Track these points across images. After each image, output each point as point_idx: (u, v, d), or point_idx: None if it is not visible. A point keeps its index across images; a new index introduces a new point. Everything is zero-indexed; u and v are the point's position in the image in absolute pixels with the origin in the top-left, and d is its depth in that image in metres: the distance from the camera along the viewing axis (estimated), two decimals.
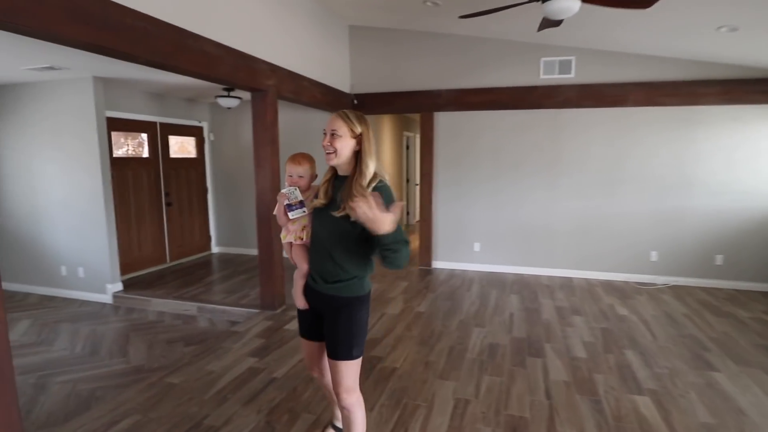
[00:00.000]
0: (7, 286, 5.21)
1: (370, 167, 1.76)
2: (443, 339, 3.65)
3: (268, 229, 4.14)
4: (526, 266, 5.78)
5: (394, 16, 5.30)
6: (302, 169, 2.02)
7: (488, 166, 5.74)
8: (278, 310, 4.24)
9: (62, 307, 4.62)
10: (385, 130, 7.73)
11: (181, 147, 6.30)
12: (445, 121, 5.83)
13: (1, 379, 1.97)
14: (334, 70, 5.52)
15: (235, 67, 3.55)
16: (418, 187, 10.44)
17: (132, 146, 5.49)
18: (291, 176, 1.99)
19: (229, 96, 5.38)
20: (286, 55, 4.38)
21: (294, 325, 3.96)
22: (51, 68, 4.04)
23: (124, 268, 5.28)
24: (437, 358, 3.29)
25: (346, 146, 1.77)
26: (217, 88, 5.28)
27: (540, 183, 5.60)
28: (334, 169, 1.87)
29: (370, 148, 1.77)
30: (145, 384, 2.89)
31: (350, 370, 1.80)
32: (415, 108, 5.85)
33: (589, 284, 5.31)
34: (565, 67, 5.32)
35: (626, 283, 5.36)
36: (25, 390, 2.95)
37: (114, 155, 5.14)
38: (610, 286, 5.22)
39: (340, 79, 5.73)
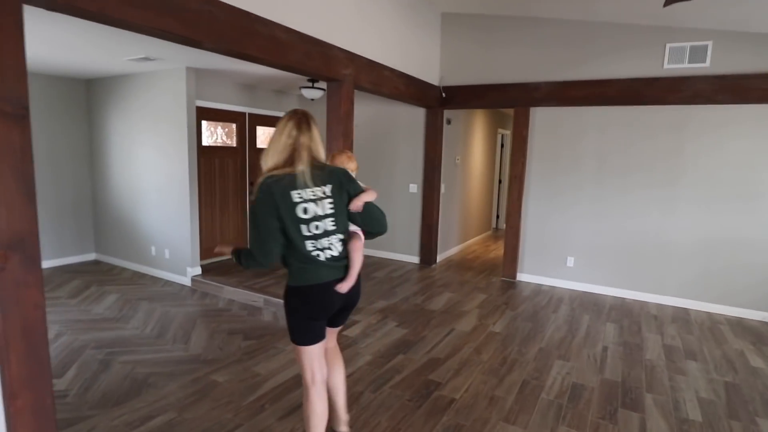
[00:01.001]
0: (108, 260, 5.69)
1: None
2: (516, 369, 3.15)
3: None
4: (630, 289, 4.94)
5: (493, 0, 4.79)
6: (353, 165, 2.19)
7: (590, 170, 4.99)
8: None
9: (148, 285, 4.89)
10: (476, 127, 7.20)
11: (268, 138, 6.39)
12: (542, 117, 5.18)
13: (38, 363, 1.95)
14: (421, 60, 5.17)
15: (307, 54, 3.36)
16: None
17: (220, 135, 5.67)
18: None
19: (313, 87, 5.29)
20: (366, 43, 4.13)
21: (352, 332, 3.72)
22: (147, 59, 4.23)
23: (206, 253, 5.47)
24: (505, 394, 2.81)
25: None
26: (302, 79, 5.22)
27: (654, 192, 4.73)
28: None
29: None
30: (191, 378, 2.83)
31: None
32: (509, 102, 5.28)
33: (712, 320, 4.36)
34: (698, 54, 4.39)
35: (764, 324, 4.31)
36: (91, 365, 3.06)
37: (203, 143, 5.33)
38: (740, 326, 4.23)
39: (428, 71, 5.36)
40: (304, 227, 1.73)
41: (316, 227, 1.76)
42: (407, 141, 6.01)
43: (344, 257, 1.85)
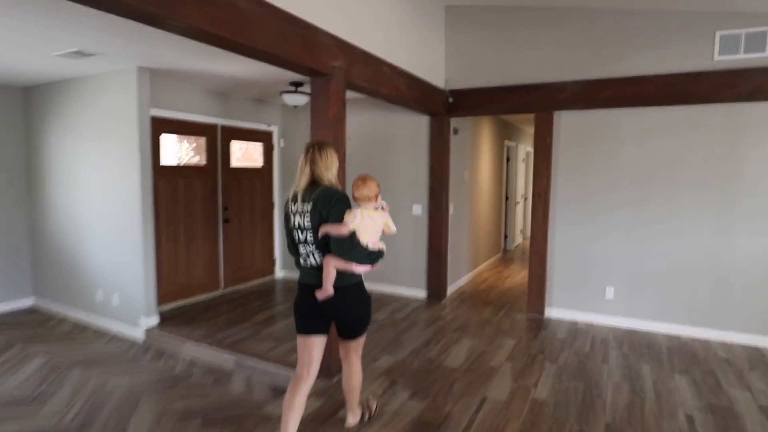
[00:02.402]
0: (49, 306, 4.66)
1: None
2: None
3: None
4: (685, 324, 4.07)
5: None
6: (360, 193, 2.18)
7: (629, 183, 4.15)
8: (334, 379, 3.08)
9: (89, 341, 3.88)
10: (483, 138, 6.38)
11: (246, 154, 5.50)
12: (569, 122, 4.36)
13: None
14: (425, 58, 4.34)
15: (282, 35, 2.49)
16: (518, 206, 8.88)
17: (186, 151, 4.75)
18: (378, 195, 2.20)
19: (296, 92, 4.43)
20: (362, 30, 3.29)
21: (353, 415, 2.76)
22: (81, 53, 3.32)
23: (168, 295, 4.49)
24: None
25: None
26: (283, 82, 4.36)
27: (708, 209, 3.90)
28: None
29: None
30: None
31: None
32: (528, 106, 4.46)
33: None
34: (756, 42, 3.63)
35: None
36: None
37: (162, 162, 4.40)
38: None
39: (433, 71, 4.53)
40: (295, 233, 2.17)
41: (299, 236, 2.16)
42: (409, 155, 5.14)
43: (321, 268, 2.13)
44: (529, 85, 4.40)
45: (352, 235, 2.05)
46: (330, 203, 2.06)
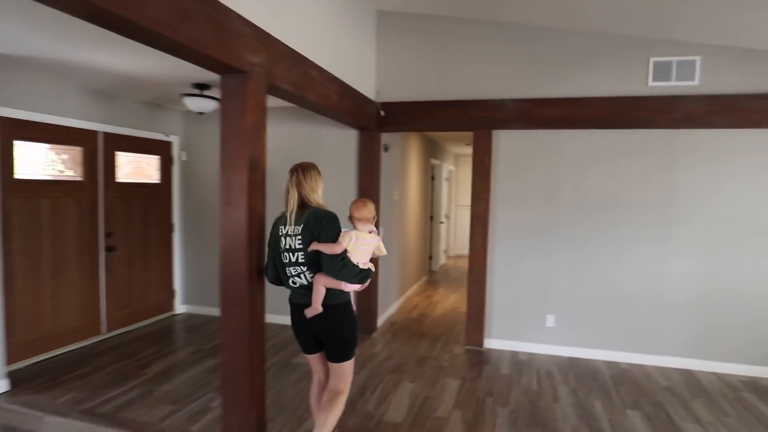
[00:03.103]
0: None
1: None
2: None
3: (241, 308, 2.37)
4: (622, 351, 3.98)
5: None
6: (359, 214, 2.26)
7: (569, 207, 4.02)
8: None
9: None
10: (412, 156, 6.06)
11: (137, 168, 4.59)
12: (508, 142, 4.15)
13: None
14: (354, 65, 3.88)
15: (181, 12, 1.86)
16: (442, 226, 8.72)
17: (55, 163, 3.77)
18: (374, 217, 2.28)
19: (202, 95, 3.71)
20: (288, 23, 2.73)
21: None
22: None
23: (24, 348, 3.47)
24: None
25: None
26: (184, 82, 3.63)
27: (645, 233, 3.87)
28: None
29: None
30: None
31: None
32: (466, 123, 4.18)
33: (729, 385, 3.53)
34: (685, 70, 3.68)
35: None
36: None
37: (16, 176, 3.42)
38: (756, 387, 3.45)
39: (363, 81, 4.08)
40: (283, 256, 2.21)
41: (290, 258, 2.19)
42: (335, 173, 4.60)
43: (311, 287, 2.18)
44: (467, 100, 4.13)
45: (344, 255, 2.11)
46: (321, 224, 2.13)
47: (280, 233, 2.21)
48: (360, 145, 4.48)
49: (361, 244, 2.15)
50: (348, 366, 2.26)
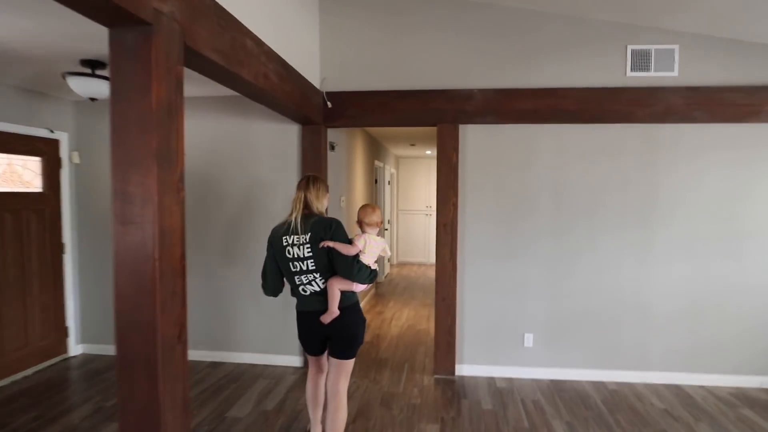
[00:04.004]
0: None
1: None
2: None
3: (151, 378, 1.58)
4: (608, 369, 3.61)
5: None
6: (369, 220, 2.34)
7: (546, 213, 3.59)
8: None
9: None
10: (357, 157, 5.42)
11: (9, 174, 3.51)
12: (477, 138, 3.63)
13: None
14: (297, 43, 3.16)
15: None
16: (386, 233, 8.13)
17: None
18: (381, 222, 2.35)
19: (93, 74, 2.80)
20: None
21: None
22: None
23: None
24: None
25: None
26: (72, 58, 2.70)
27: (627, 237, 3.54)
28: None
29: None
30: None
31: None
32: (429, 117, 3.61)
33: (721, 399, 3.31)
34: (664, 59, 3.40)
35: (766, 391, 3.38)
36: None
37: None
38: (748, 399, 3.25)
39: (307, 64, 3.38)
40: (291, 265, 2.22)
41: (299, 267, 2.21)
42: (272, 177, 3.83)
43: (326, 292, 2.23)
44: (429, 90, 3.57)
45: (358, 257, 2.19)
46: (331, 230, 2.18)
47: (285, 243, 2.22)
48: (303, 142, 3.75)
49: (372, 247, 2.23)
50: (351, 363, 2.34)
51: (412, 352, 4.28)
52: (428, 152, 8.73)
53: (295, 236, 2.19)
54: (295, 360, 3.88)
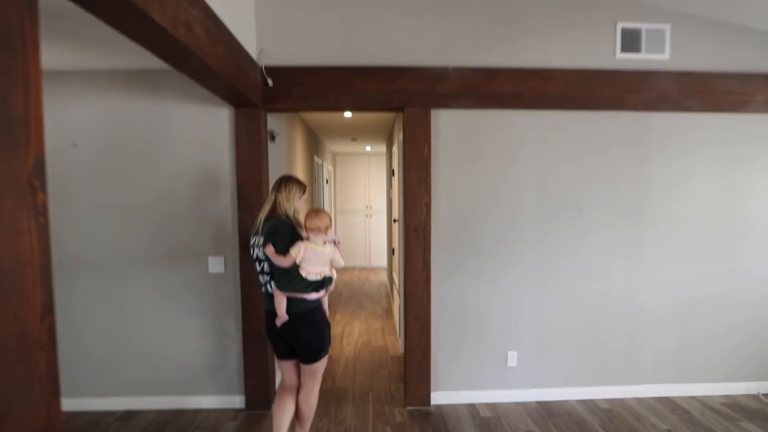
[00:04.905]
0: None
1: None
2: None
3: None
4: (597, 385, 3.25)
5: None
6: (313, 225, 2.18)
7: (530, 213, 3.13)
8: None
9: None
10: (297, 150, 4.68)
11: None
12: (450, 125, 3.08)
13: None
14: (232, 5, 2.40)
15: None
16: None
17: None
18: (328, 227, 2.19)
19: None
20: None
21: None
22: None
23: None
24: None
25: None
26: None
27: (618, 238, 3.18)
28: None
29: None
30: None
31: None
32: (394, 99, 3.00)
33: (712, 409, 3.07)
34: (655, 40, 3.08)
35: (756, 398, 3.20)
36: None
37: None
38: (743, 409, 3.04)
39: (243, 29, 2.62)
40: (255, 265, 2.30)
41: (258, 267, 2.27)
42: (196, 176, 3.01)
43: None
44: (395, 67, 2.95)
45: (292, 269, 2.12)
46: (274, 234, 2.14)
47: (251, 243, 2.28)
48: (237, 130, 2.97)
49: (311, 256, 2.12)
50: (318, 367, 2.29)
51: (373, 376, 3.67)
52: (368, 148, 8.13)
53: (257, 237, 2.22)
54: (235, 401, 3.10)
